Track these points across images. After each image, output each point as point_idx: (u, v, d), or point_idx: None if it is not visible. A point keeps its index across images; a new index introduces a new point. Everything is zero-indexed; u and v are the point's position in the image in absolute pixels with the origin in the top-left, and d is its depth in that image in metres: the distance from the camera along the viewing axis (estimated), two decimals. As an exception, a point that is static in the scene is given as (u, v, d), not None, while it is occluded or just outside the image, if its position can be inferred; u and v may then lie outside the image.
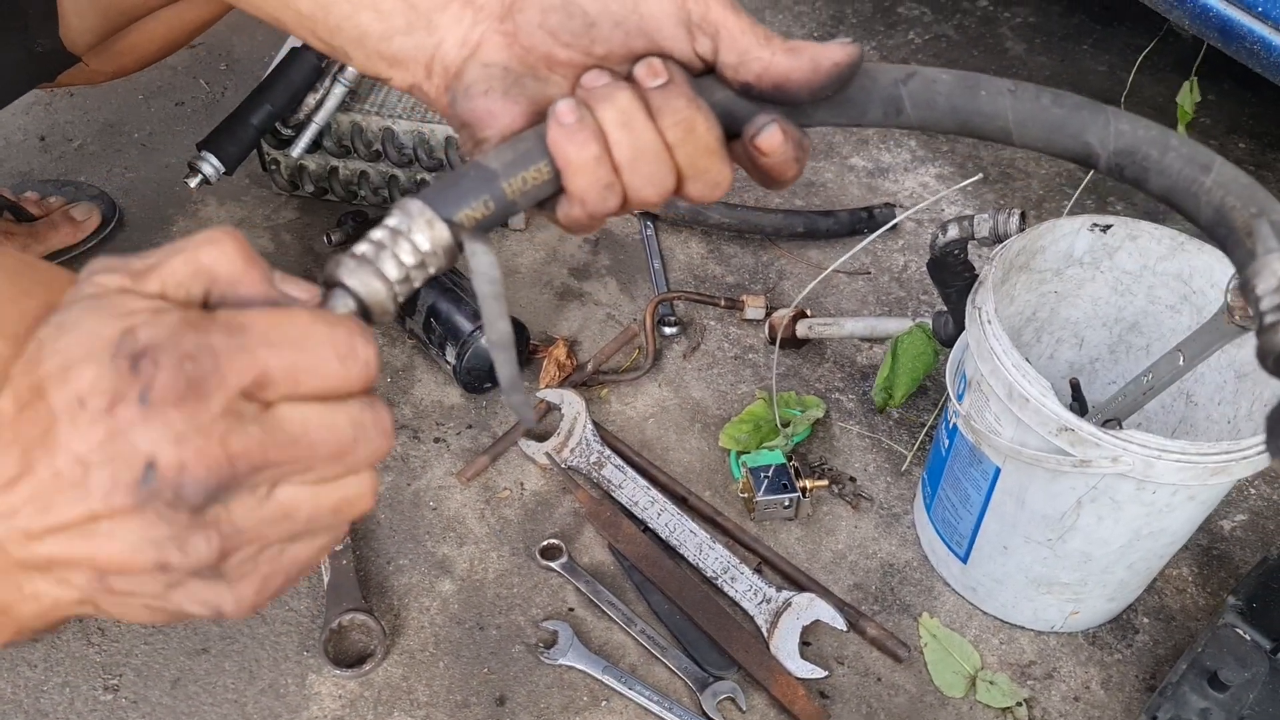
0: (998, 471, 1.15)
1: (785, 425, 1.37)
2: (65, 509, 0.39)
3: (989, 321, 1.10)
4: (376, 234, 0.50)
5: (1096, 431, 1.01)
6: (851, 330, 1.45)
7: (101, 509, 0.39)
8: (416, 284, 0.51)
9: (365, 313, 0.49)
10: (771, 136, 0.56)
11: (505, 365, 0.53)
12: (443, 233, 0.51)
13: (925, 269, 1.61)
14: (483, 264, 0.52)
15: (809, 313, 1.49)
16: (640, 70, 0.55)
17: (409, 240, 0.50)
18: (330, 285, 0.49)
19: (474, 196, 0.53)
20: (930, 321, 1.38)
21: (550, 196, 0.56)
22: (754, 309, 1.51)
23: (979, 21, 2.12)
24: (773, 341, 1.47)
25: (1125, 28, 2.10)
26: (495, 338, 0.53)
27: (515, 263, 1.60)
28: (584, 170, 0.54)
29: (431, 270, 0.51)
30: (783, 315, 1.46)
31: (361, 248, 0.49)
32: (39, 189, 1.62)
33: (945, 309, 1.38)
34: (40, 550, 0.40)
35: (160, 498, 0.39)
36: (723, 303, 1.52)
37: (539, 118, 0.57)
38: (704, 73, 0.57)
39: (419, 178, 1.58)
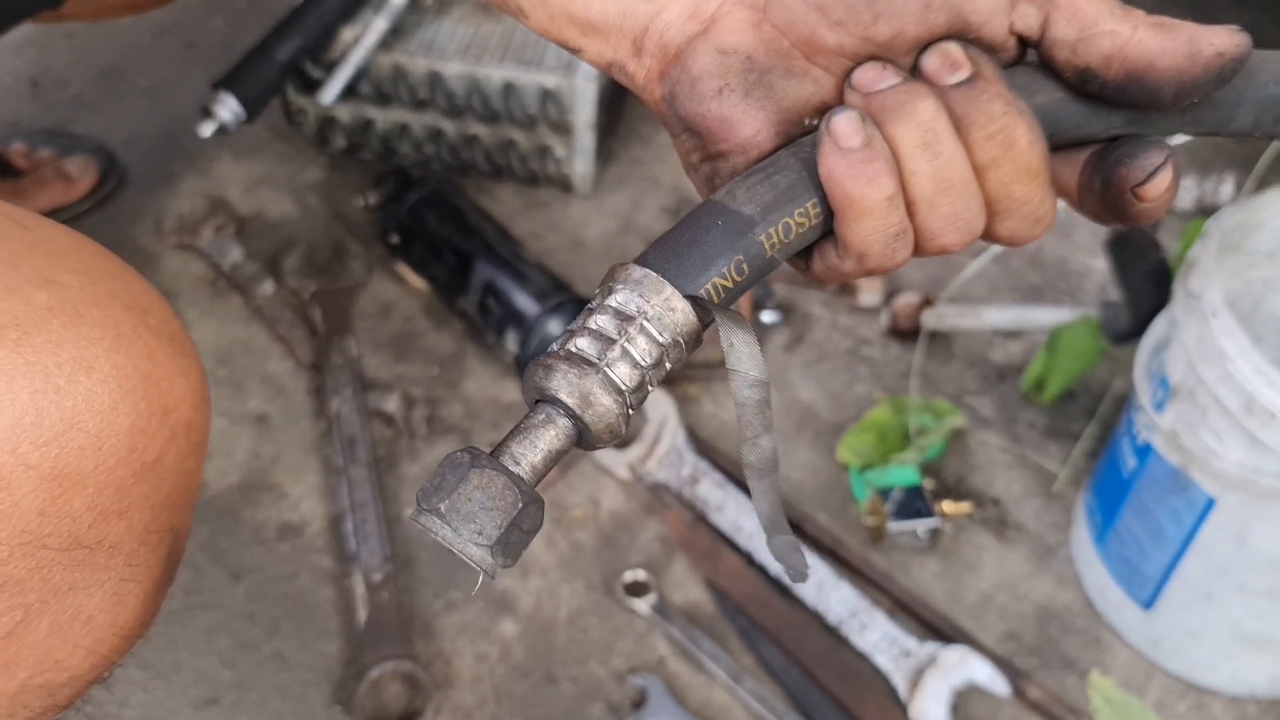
0: (1210, 503, 0.92)
1: (917, 435, 1.13)
2: None
3: (1215, 314, 0.86)
4: (593, 321, 0.38)
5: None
6: (993, 322, 1.21)
7: None
8: (650, 392, 0.39)
9: (584, 441, 0.38)
10: (1161, 181, 0.42)
11: (765, 496, 0.41)
12: (686, 315, 0.39)
13: (1059, 249, 1.37)
14: (743, 357, 0.39)
15: (933, 300, 1.25)
16: (932, 62, 0.41)
17: (645, 328, 0.38)
18: (537, 401, 0.38)
19: (723, 257, 0.40)
20: (1098, 313, 1.14)
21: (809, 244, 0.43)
22: (869, 294, 1.26)
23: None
24: (895, 333, 1.23)
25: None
26: (756, 459, 0.40)
27: (581, 234, 1.37)
28: (871, 214, 0.41)
29: (668, 368, 0.39)
30: (908, 302, 1.22)
31: (577, 343, 0.38)
32: (28, 140, 1.41)
33: (1114, 301, 1.15)
34: None
35: None
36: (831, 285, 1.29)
37: (793, 129, 0.43)
38: (1016, 61, 0.43)
39: (470, 132, 1.34)
